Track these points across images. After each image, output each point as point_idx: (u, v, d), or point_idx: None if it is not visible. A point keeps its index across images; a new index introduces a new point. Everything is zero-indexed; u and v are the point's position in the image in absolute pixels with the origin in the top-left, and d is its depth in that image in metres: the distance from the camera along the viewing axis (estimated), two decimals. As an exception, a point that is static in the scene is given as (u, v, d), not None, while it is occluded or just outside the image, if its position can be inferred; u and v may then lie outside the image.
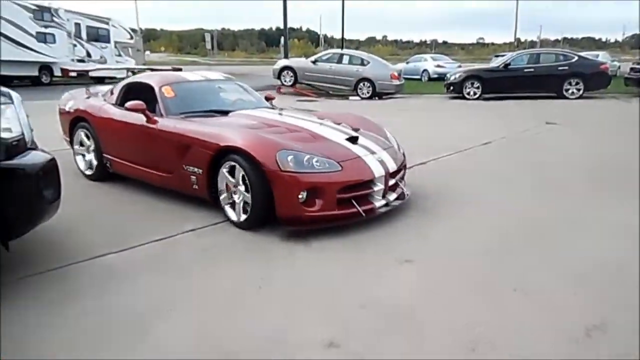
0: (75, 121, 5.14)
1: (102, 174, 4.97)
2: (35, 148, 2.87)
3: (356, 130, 4.36)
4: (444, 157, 6.28)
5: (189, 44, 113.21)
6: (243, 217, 3.66)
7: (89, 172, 5.12)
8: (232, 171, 3.65)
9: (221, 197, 3.82)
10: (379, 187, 3.77)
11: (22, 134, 2.74)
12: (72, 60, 17.90)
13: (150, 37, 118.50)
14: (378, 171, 3.75)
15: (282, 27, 20.66)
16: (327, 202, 3.47)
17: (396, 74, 14.88)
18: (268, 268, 3.01)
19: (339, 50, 16.91)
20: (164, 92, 4.48)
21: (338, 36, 28.43)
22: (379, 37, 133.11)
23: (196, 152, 3.85)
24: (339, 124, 4.45)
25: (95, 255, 3.21)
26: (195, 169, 3.88)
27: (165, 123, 4.19)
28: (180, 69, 5.73)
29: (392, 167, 3.92)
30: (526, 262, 3.09)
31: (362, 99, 14.76)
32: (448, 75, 15.14)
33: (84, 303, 2.60)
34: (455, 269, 2.98)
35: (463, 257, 3.15)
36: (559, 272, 2.92)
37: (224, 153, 3.66)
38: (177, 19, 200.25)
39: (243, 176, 3.55)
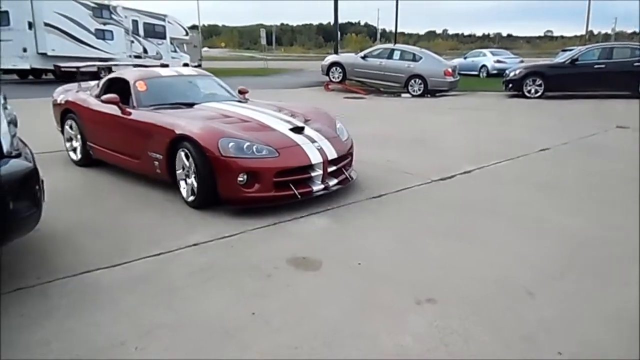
0: (64, 112, 5.63)
1: (87, 160, 5.41)
2: (17, 155, 2.64)
3: (307, 121, 4.64)
4: (492, 166, 5.62)
5: (248, 39, 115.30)
6: (191, 198, 4.05)
7: (75, 158, 5.58)
8: (187, 156, 4.00)
9: (178, 179, 4.19)
10: (318, 172, 4.10)
11: (-3, 140, 2.51)
12: (129, 56, 18.40)
13: (212, 33, 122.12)
14: (316, 158, 4.07)
15: (340, 22, 20.21)
16: (264, 184, 3.85)
17: (450, 70, 13.99)
18: (266, 299, 2.61)
19: (390, 45, 16.19)
20: (137, 86, 4.89)
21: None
22: (439, 31, 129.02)
23: (158, 140, 4.24)
24: (293, 115, 4.77)
25: (85, 270, 2.97)
26: (157, 155, 4.28)
27: (136, 114, 4.60)
28: (167, 65, 6.31)
29: (332, 155, 4.22)
30: (579, 307, 2.49)
31: (413, 96, 14.04)
32: (507, 72, 14.06)
33: (53, 327, 2.34)
34: (488, 314, 2.44)
35: (498, 297, 2.60)
36: (621, 328, 2.32)
37: (179, 140, 4.03)
38: (238, 15, 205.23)
39: (192, 161, 3.93)
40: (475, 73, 21.86)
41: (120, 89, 4.95)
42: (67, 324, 2.38)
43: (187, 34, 23.27)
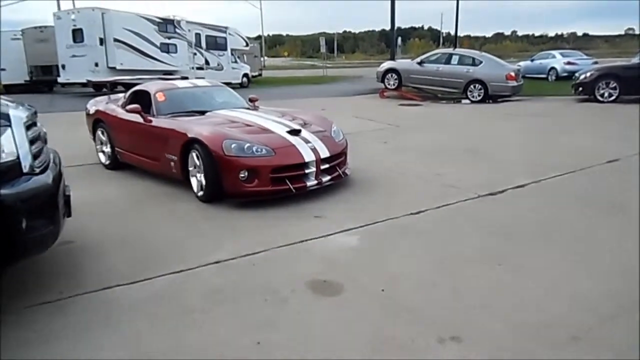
0: (96, 122, 6.28)
1: (116, 163, 5.97)
2: (41, 172, 2.67)
3: (305, 125, 5.09)
4: (551, 179, 5.11)
5: (311, 48, 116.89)
6: (201, 192, 4.56)
7: (106, 163, 6.14)
8: (197, 156, 4.50)
9: (190, 177, 4.67)
10: (311, 169, 4.55)
11: (17, 158, 2.54)
12: (191, 68, 19.11)
13: (276, 43, 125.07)
14: (309, 156, 4.53)
15: (403, 27, 19.86)
16: (262, 180, 4.32)
17: (513, 74, 13.19)
18: (275, 328, 2.44)
19: (447, 50, 15.62)
20: (157, 97, 5.48)
21: (462, 33, 26.56)
22: (507, 32, 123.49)
23: (173, 143, 4.77)
24: (293, 120, 5.25)
25: (105, 286, 2.96)
26: (173, 156, 4.80)
27: (156, 121, 5.18)
28: (186, 78, 7.24)
29: (325, 154, 4.66)
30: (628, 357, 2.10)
31: (472, 102, 13.38)
32: (577, 74, 13.02)
33: (57, 347, 2.33)
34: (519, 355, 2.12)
35: (537, 341, 2.25)
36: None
37: (190, 143, 4.55)
38: (301, 25, 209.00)
39: (201, 160, 4.45)
40: (544, 76, 20.57)
41: (143, 99, 5.54)
42: (71, 345, 2.34)
43: (247, 45, 23.82)
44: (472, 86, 13.48)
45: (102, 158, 6.21)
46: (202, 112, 5.34)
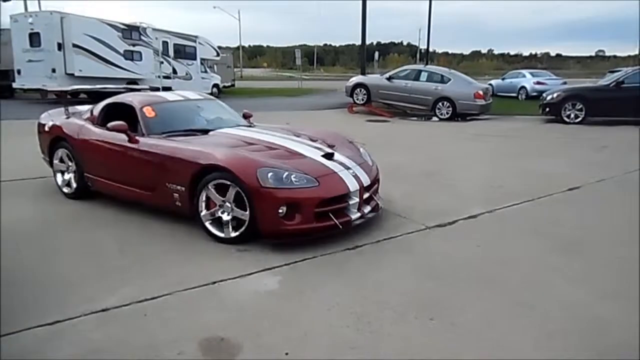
0: (54, 140, 5.08)
1: (82, 192, 4.89)
2: None
3: (332, 146, 4.41)
4: (505, 209, 4.75)
5: (291, 59, 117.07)
6: (219, 233, 3.73)
7: (67, 191, 5.02)
8: (218, 188, 3.69)
9: (202, 213, 3.81)
10: (355, 200, 3.87)
11: None
12: (158, 76, 18.45)
13: (257, 54, 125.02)
14: (353, 185, 3.86)
15: (383, 42, 19.67)
16: (305, 216, 3.58)
17: (481, 92, 13.03)
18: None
19: (417, 66, 15.43)
20: (145, 112, 4.49)
21: (441, 50, 26.64)
22: (484, 50, 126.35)
23: (179, 170, 3.89)
24: (314, 140, 4.54)
25: (27, 326, 2.52)
26: (178, 187, 3.92)
27: (147, 142, 4.22)
28: (157, 89, 5.98)
29: (366, 181, 4.04)
30: None
31: (441, 120, 13.16)
32: (544, 95, 12.94)
33: None
34: None
35: None
36: None
37: (206, 171, 3.71)
38: (282, 36, 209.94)
39: (231, 192, 3.63)
40: (514, 95, 20.66)
41: (121, 115, 4.53)
42: None
43: (218, 55, 23.26)
44: (440, 104, 13.29)
45: (63, 186, 5.05)
46: (204, 131, 4.50)
